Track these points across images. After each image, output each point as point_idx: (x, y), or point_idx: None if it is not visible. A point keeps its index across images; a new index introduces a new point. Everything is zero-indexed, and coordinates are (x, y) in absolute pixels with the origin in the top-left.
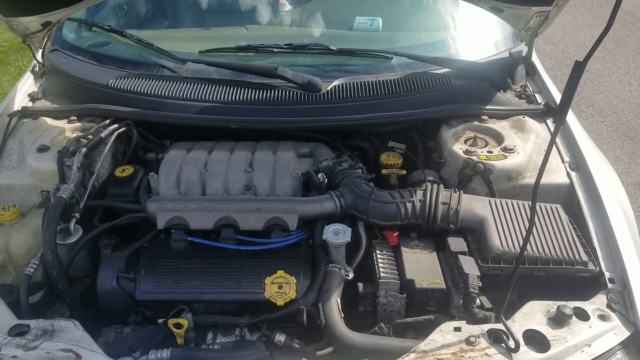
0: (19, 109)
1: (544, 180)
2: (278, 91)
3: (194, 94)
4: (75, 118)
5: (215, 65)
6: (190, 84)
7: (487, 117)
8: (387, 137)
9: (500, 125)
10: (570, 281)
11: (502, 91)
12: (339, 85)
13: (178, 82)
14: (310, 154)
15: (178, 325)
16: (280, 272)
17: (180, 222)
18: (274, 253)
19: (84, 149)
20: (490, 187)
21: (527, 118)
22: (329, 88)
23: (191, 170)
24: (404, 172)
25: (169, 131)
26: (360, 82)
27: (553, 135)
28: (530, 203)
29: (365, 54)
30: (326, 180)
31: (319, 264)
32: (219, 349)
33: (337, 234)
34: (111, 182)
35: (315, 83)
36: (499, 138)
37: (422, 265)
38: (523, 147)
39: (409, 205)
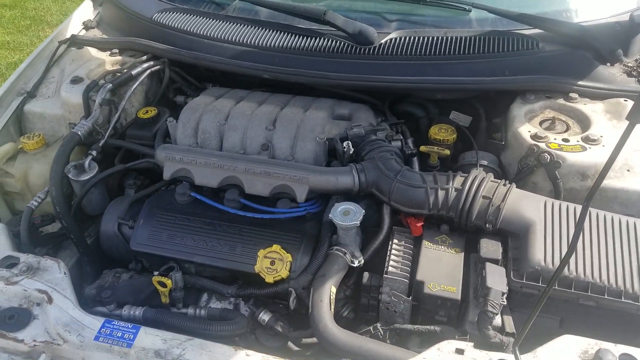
0: (70, 36)
1: (631, 185)
2: (323, 40)
3: (233, 36)
4: (117, 51)
5: (259, 4)
6: (232, 24)
7: (577, 96)
8: (448, 106)
9: (591, 108)
10: (629, 319)
11: (607, 64)
12: (396, 39)
13: (221, 21)
14: (349, 116)
15: (163, 284)
16: (275, 247)
17: (186, 174)
18: (276, 224)
19: (109, 85)
20: (556, 185)
21: (630, 102)
22: (383, 41)
23: (210, 120)
24: (447, 152)
25: (211, 74)
26: (423, 37)
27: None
28: (605, 213)
29: (438, 3)
30: (352, 150)
31: (322, 244)
32: (194, 317)
33: (346, 215)
34: (133, 122)
35: (368, 33)
36: (584, 123)
37: (440, 266)
38: (612, 139)
39: (440, 193)
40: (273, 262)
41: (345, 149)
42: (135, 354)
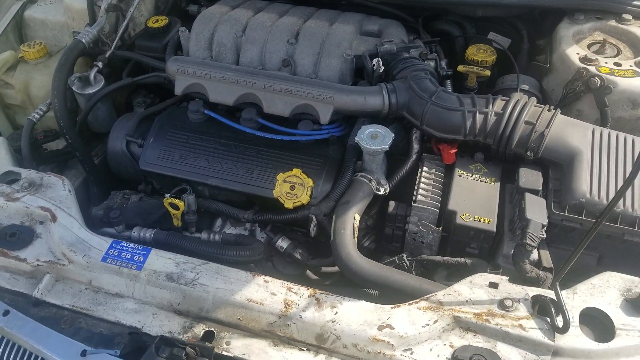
0: None
1: None
2: None
3: None
4: None
5: None
6: None
7: (630, 17)
8: (486, 27)
9: None
10: None
11: None
12: None
13: None
14: (379, 32)
15: (175, 206)
16: (296, 171)
17: (199, 90)
18: (296, 147)
19: None
20: (603, 112)
21: None
22: None
23: (226, 31)
24: (488, 73)
25: None
26: None
27: None
28: None
29: None
30: (382, 68)
31: (346, 170)
32: (207, 241)
33: (374, 139)
34: (142, 33)
35: None
36: (638, 47)
37: (474, 196)
38: None
39: (479, 117)
40: (293, 187)
41: (374, 67)
42: (145, 276)
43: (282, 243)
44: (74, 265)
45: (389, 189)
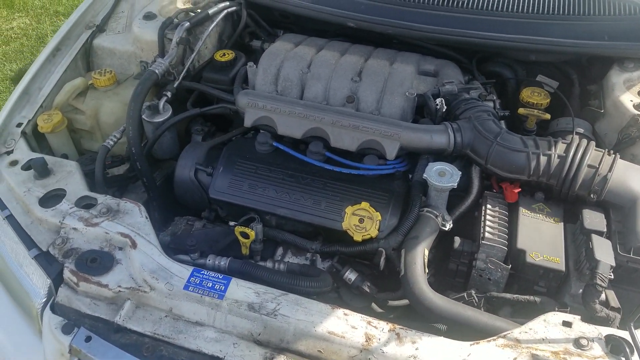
0: None
1: None
2: None
3: None
4: None
5: None
6: None
7: None
8: (537, 69)
9: None
10: None
11: None
12: None
13: None
14: (435, 72)
15: (245, 235)
16: (364, 204)
17: (268, 123)
18: (363, 180)
19: (187, 23)
20: None
21: None
22: None
23: (292, 67)
24: (548, 116)
25: (284, 20)
26: None
27: None
28: None
29: None
30: (445, 107)
31: (413, 205)
32: (280, 272)
33: (442, 176)
34: (209, 65)
35: None
36: None
37: (541, 236)
38: None
39: (543, 158)
40: (362, 220)
41: (438, 106)
42: (227, 306)
43: (350, 275)
44: (155, 292)
45: (452, 225)
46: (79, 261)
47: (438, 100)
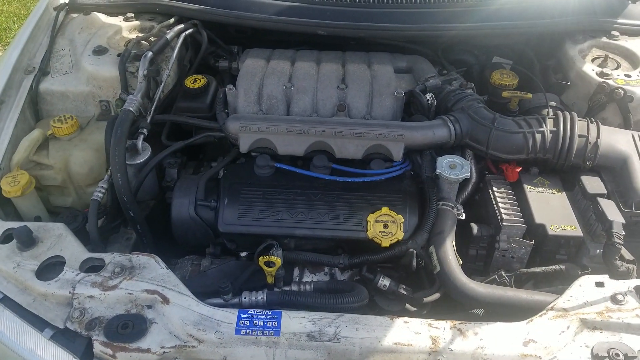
0: (66, 1)
1: None
2: None
3: None
4: (133, 15)
5: None
6: None
7: (618, 34)
8: (493, 52)
9: (634, 44)
10: None
11: (636, 2)
12: None
13: None
14: (408, 69)
15: (269, 264)
16: (385, 209)
17: (266, 145)
18: (373, 186)
19: (150, 53)
20: (627, 118)
21: None
22: None
23: (274, 84)
24: (530, 95)
25: (240, 35)
26: None
27: None
28: None
29: None
30: (435, 101)
31: (430, 201)
32: (322, 294)
33: (453, 168)
34: (180, 93)
35: None
36: (633, 59)
37: (551, 208)
38: None
39: (538, 136)
40: (386, 225)
41: (429, 101)
42: (286, 340)
43: (384, 282)
44: (205, 345)
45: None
46: (108, 330)
47: (428, 96)
